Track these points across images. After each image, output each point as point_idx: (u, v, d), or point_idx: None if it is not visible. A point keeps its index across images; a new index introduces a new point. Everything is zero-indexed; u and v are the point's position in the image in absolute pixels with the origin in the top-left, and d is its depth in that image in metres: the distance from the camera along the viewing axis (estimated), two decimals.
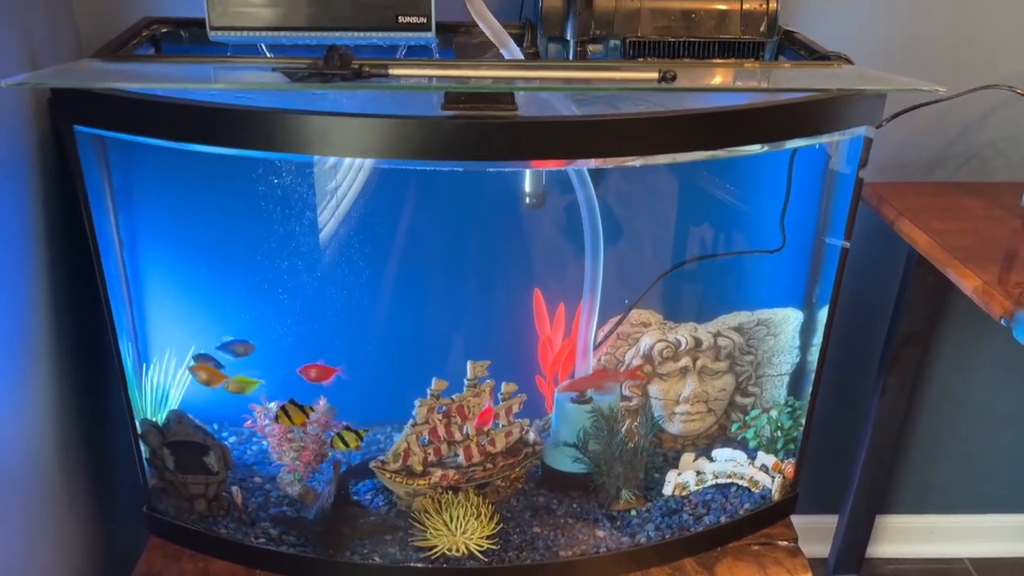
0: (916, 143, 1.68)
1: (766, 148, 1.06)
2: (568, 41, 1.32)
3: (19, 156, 1.16)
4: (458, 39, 1.33)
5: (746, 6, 1.34)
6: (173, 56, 1.28)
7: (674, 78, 0.92)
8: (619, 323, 1.34)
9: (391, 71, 0.92)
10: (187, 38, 1.33)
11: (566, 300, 1.33)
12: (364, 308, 1.26)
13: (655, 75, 0.93)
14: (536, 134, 0.93)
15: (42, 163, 1.22)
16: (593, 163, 1.19)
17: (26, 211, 1.18)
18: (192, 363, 1.27)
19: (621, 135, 0.94)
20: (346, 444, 1.26)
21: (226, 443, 1.32)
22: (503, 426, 1.31)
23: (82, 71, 1.01)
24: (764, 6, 1.34)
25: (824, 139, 1.14)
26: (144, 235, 1.23)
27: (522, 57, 1.28)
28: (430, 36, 1.23)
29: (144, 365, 1.30)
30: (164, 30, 1.32)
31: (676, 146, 0.98)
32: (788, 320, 1.37)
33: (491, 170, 1.11)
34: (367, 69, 0.91)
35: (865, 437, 1.82)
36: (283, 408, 1.25)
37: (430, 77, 0.93)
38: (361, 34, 1.22)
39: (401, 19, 1.22)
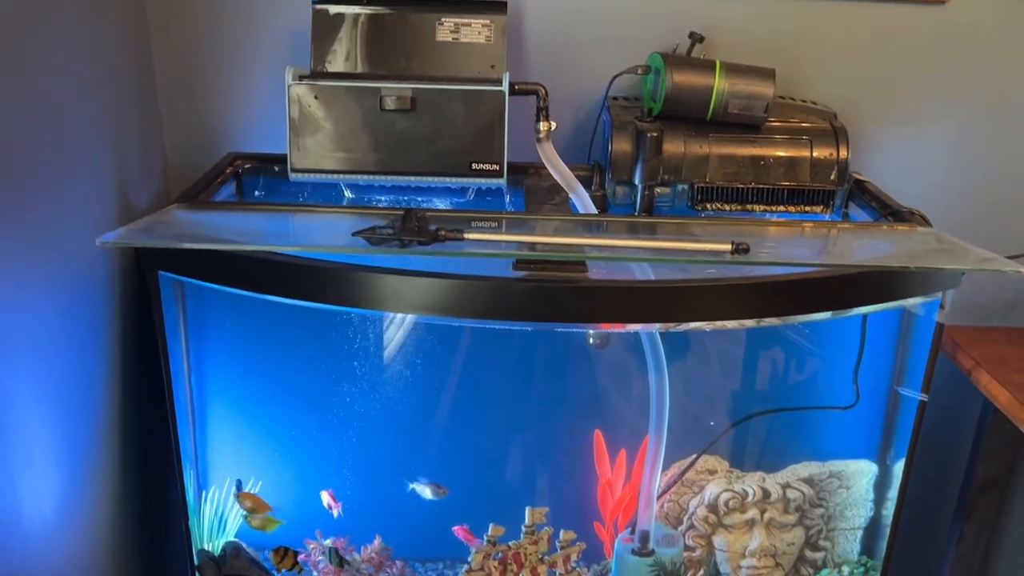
0: (992, 284, 1.63)
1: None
2: (636, 185, 1.34)
3: (103, 288, 1.20)
4: (528, 181, 1.36)
5: (816, 154, 1.34)
6: (254, 204, 1.30)
7: (747, 250, 0.92)
8: (685, 471, 1.31)
9: (467, 236, 0.93)
10: (268, 174, 1.38)
11: (628, 444, 1.31)
12: (425, 449, 1.25)
13: (728, 247, 0.93)
14: (606, 299, 0.94)
15: (123, 295, 1.26)
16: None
17: (103, 343, 1.22)
18: (237, 491, 1.28)
19: (692, 302, 0.93)
20: None
21: None
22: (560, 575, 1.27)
23: (168, 224, 1.05)
24: (834, 154, 1.34)
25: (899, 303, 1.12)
26: (211, 366, 1.25)
27: (590, 202, 1.29)
28: (501, 182, 1.26)
29: (203, 492, 1.31)
30: (247, 166, 1.37)
31: (747, 313, 0.97)
32: (862, 473, 1.32)
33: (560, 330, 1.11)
34: (443, 234, 0.92)
35: None
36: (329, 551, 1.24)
37: (504, 242, 0.94)
38: (435, 179, 1.26)
39: (475, 166, 1.25)
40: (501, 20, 1.34)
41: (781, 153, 1.34)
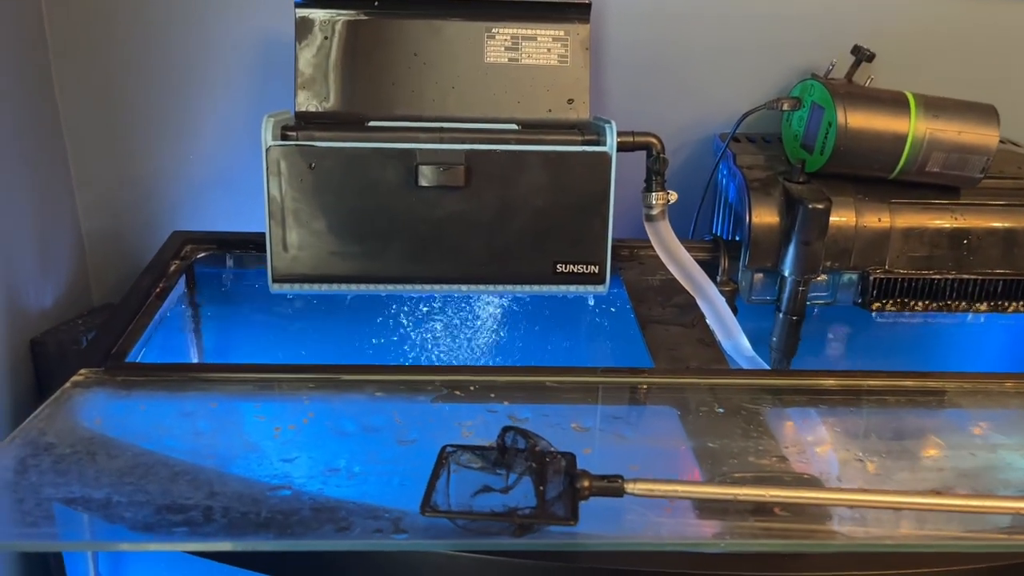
0: None
1: None
2: (785, 276, 0.90)
3: None
4: (626, 272, 0.92)
5: None
6: (214, 371, 0.70)
7: None
8: None
9: (628, 487, 0.49)
10: (231, 262, 0.92)
11: None
12: None
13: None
14: None
15: None
16: None
17: None
18: None
19: None
20: None
21: None
22: None
23: (46, 449, 0.58)
24: None
25: None
26: None
27: (735, 326, 0.85)
28: (602, 290, 0.82)
29: None
30: (200, 255, 0.91)
31: None
32: None
33: None
34: (590, 489, 0.48)
35: None
36: None
37: (673, 495, 0.50)
38: (497, 287, 0.81)
39: (561, 268, 0.80)
40: (582, 31, 0.89)
41: (996, 225, 0.92)
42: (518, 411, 0.63)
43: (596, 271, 0.80)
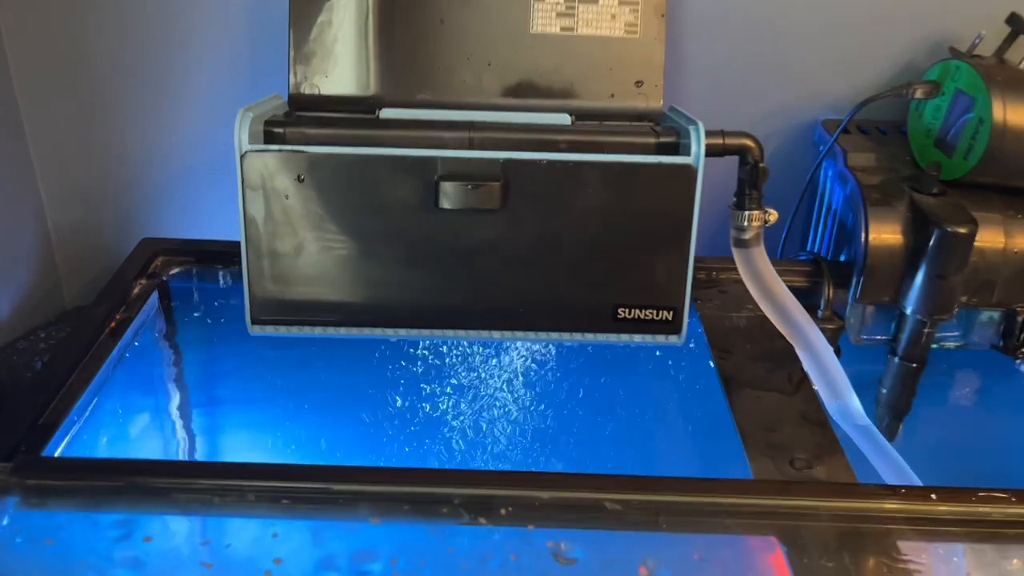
0: None
1: None
2: (905, 313, 0.71)
3: None
4: (704, 309, 0.72)
5: None
6: (168, 476, 0.51)
7: None
8: None
9: None
10: (207, 277, 0.75)
11: None
12: None
13: None
14: None
15: None
16: None
17: None
18: None
19: None
20: None
21: None
22: None
23: None
24: None
25: None
26: None
27: (835, 366, 0.66)
28: (677, 341, 0.63)
29: None
30: (174, 271, 0.74)
31: None
32: None
33: None
34: None
35: None
36: None
37: None
38: (535, 334, 0.63)
39: (624, 313, 0.62)
40: None
41: None
42: (566, 543, 0.46)
43: (670, 317, 0.61)
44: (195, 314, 0.72)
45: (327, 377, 0.72)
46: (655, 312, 0.61)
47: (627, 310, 0.61)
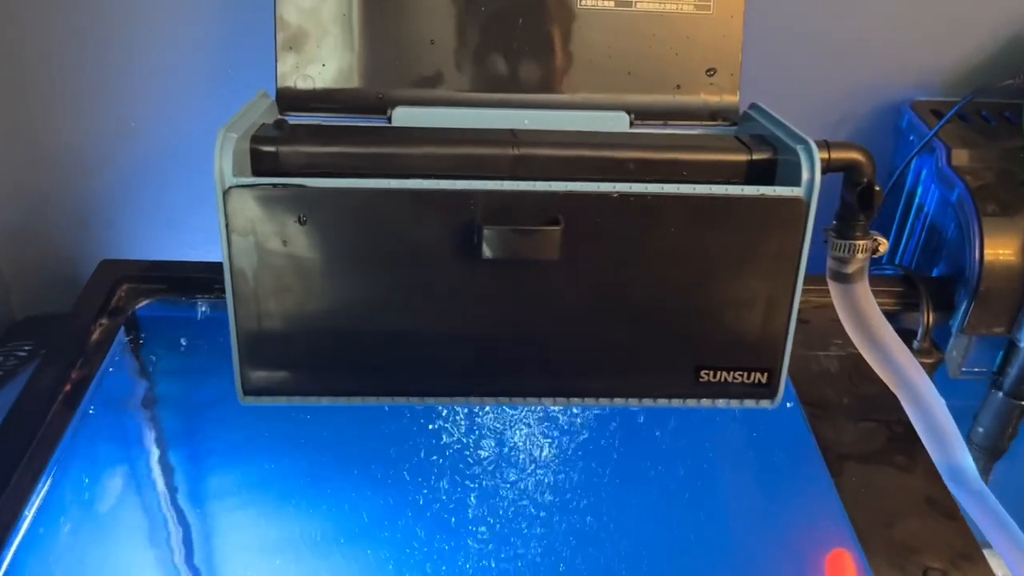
0: None
1: None
2: (1019, 346, 0.60)
3: None
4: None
5: None
6: None
7: None
8: None
9: None
10: (180, 306, 0.62)
11: None
12: None
13: None
14: None
15: None
16: None
17: None
18: None
19: None
20: None
21: None
22: None
23: None
24: None
25: None
26: None
27: (947, 421, 0.55)
28: (772, 405, 0.51)
29: None
30: (143, 303, 0.60)
31: None
32: None
33: None
34: None
35: None
36: None
37: None
38: (597, 400, 0.51)
39: (707, 376, 0.50)
40: None
41: None
42: None
43: (765, 380, 0.50)
44: (172, 362, 0.59)
45: (344, 450, 0.59)
46: (746, 375, 0.49)
47: (712, 373, 0.49)
